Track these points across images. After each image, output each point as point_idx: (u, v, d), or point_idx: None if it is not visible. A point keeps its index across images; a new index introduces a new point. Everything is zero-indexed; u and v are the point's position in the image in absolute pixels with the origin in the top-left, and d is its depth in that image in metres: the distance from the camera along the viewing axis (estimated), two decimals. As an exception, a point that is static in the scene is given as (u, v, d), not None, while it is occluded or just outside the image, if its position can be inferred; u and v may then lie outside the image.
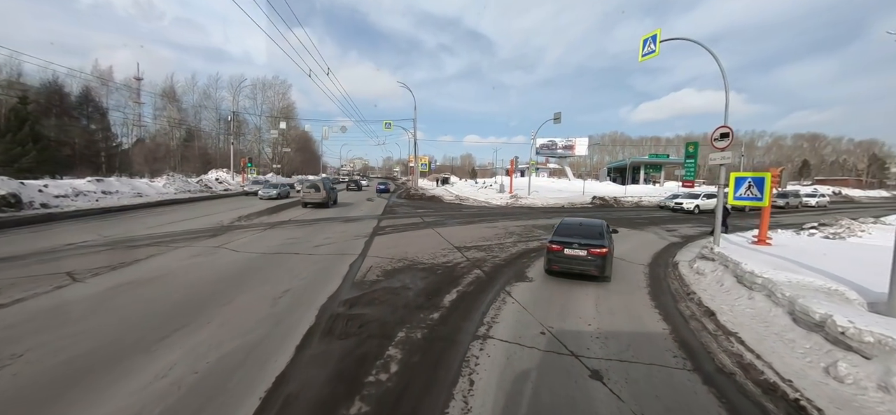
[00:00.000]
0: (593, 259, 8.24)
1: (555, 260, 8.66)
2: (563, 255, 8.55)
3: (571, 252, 8.48)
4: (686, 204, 26.19)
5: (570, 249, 8.52)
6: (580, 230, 9.50)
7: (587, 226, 9.86)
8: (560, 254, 8.59)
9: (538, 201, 29.75)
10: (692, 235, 16.79)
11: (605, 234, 9.22)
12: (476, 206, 28.19)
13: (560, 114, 28.25)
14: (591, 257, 8.26)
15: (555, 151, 62.25)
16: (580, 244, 8.50)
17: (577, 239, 8.74)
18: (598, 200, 31.14)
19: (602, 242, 8.55)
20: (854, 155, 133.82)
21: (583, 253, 8.33)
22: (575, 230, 9.56)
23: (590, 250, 8.31)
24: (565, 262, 8.51)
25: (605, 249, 8.37)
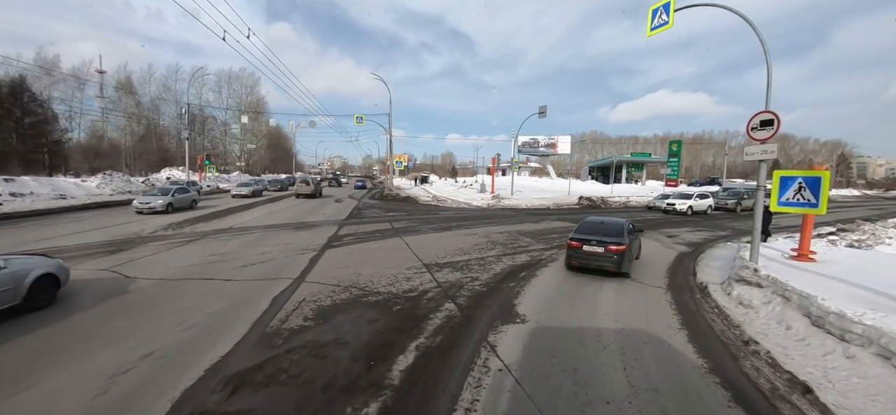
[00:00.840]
0: (610, 255, 8.64)
1: (574, 256, 9.27)
2: (582, 251, 9.06)
3: (590, 249, 8.93)
4: (679, 205, 24.56)
5: (588, 245, 9.00)
6: (601, 228, 9.92)
7: (608, 224, 10.19)
8: (579, 250, 9.14)
9: (521, 202, 27.64)
10: (697, 242, 14.84)
11: (626, 232, 9.47)
12: (454, 208, 25.79)
13: (545, 107, 26.23)
14: (608, 254, 8.66)
15: (537, 149, 60.61)
16: (599, 241, 8.95)
17: (597, 236, 9.18)
18: (585, 201, 29.30)
19: (620, 240, 8.94)
20: (819, 155, 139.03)
21: (601, 250, 8.78)
22: (596, 228, 9.98)
23: (607, 247, 8.72)
24: (584, 258, 9.06)
25: (624, 246, 8.70)
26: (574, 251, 9.25)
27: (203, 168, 38.29)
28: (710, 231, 17.84)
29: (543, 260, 10.83)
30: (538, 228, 16.63)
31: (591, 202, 29.31)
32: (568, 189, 34.70)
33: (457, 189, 39.29)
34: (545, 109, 26.22)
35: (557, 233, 15.59)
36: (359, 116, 32.60)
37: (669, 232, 17.03)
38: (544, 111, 26.27)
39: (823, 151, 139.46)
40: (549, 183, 49.15)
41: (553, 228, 17.06)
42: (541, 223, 18.49)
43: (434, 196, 29.66)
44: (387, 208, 23.57)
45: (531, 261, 10.70)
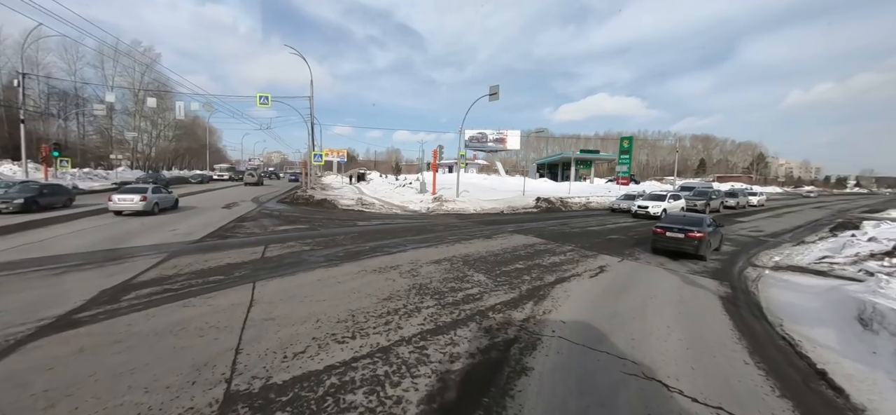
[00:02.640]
0: (690, 241, 11.11)
1: (658, 241, 11.75)
2: (666, 236, 11.56)
3: (672, 235, 11.44)
4: (652, 208, 20.74)
5: (671, 232, 11.48)
6: (683, 219, 12.10)
7: (690, 218, 12.25)
8: (663, 236, 11.63)
9: (468, 205, 22.35)
10: (723, 270, 10.35)
11: (705, 224, 11.55)
12: (382, 215, 19.81)
13: (497, 88, 21.16)
14: (688, 240, 11.14)
15: (485, 144, 56.26)
16: (680, 228, 11.36)
17: (679, 225, 11.57)
18: (544, 203, 24.76)
19: (699, 228, 11.28)
20: (735, 155, 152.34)
21: (681, 235, 11.25)
22: (679, 219, 12.22)
23: (688, 234, 11.16)
24: (667, 242, 11.53)
25: (703, 234, 11.08)
26: (658, 237, 11.73)
27: (50, 161, 28.46)
28: (712, 246, 13.69)
29: (519, 342, 5.27)
30: (493, 250, 11.28)
31: (550, 204, 24.86)
32: (523, 188, 30.14)
33: (394, 189, 33.24)
34: (497, 90, 21.14)
35: (524, 258, 10.31)
36: (262, 96, 25.26)
37: (668, 250, 12.54)
38: (496, 92, 21.17)
39: (738, 151, 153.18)
40: (500, 181, 44.79)
41: (514, 248, 11.80)
42: (495, 239, 13.19)
43: (361, 199, 23.37)
44: (287, 218, 16.98)
45: (490, 344, 5.13)
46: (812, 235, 17.60)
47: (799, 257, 11.79)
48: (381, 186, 38.40)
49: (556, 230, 15.80)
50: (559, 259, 10.53)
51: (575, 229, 16.37)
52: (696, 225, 11.40)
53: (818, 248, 13.53)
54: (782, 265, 10.86)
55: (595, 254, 11.46)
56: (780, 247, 14.51)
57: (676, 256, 11.43)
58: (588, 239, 14.04)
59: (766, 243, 15.24)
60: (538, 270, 9.23)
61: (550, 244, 12.66)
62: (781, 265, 10.82)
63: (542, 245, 12.47)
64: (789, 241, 16.14)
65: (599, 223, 18.91)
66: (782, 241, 16.06)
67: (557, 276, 8.77)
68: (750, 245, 14.58)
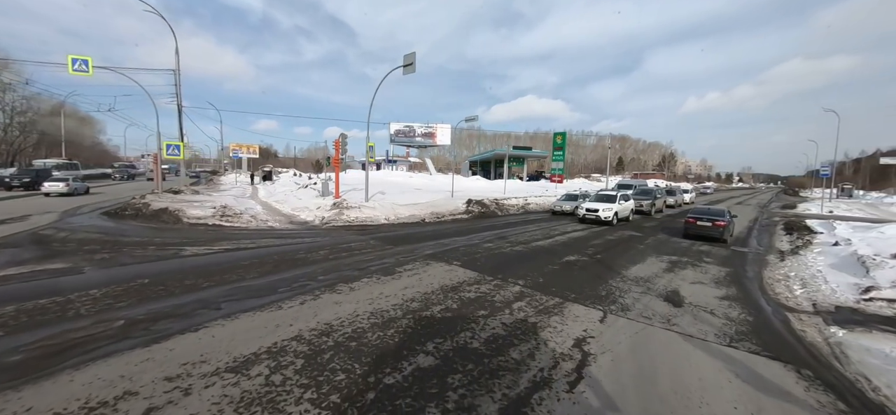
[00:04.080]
0: (716, 228, 14.15)
1: (690, 228, 14.73)
2: (697, 225, 14.56)
3: (702, 223, 14.45)
4: (603, 212, 17.25)
5: (701, 221, 14.54)
6: (708, 212, 15.15)
7: (713, 211, 15.29)
8: (694, 225, 14.63)
9: (379, 212, 16.99)
10: (769, 332, 6.32)
11: (725, 215, 14.80)
12: (249, 231, 13.76)
13: (413, 57, 16.07)
14: (715, 227, 14.18)
15: (413, 139, 51.15)
16: (708, 218, 14.54)
17: (707, 216, 14.72)
18: (476, 207, 20.27)
19: (723, 218, 14.48)
20: (646, 153, 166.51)
21: (709, 224, 14.29)
22: (705, 212, 15.24)
23: (715, 223, 14.23)
24: (698, 229, 14.50)
25: (725, 222, 14.25)
26: (690, 226, 14.75)
27: None
28: (689, 260, 9.99)
29: None
30: (386, 307, 6.13)
31: (484, 208, 20.48)
32: (452, 188, 25.50)
33: (296, 190, 26.65)
34: (412, 59, 16.03)
35: (442, 328, 5.19)
36: (80, 61, 17.38)
37: (631, 274, 8.42)
38: (411, 62, 16.05)
39: (649, 150, 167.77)
40: (428, 180, 40.01)
41: (427, 297, 6.75)
42: (399, 276, 8.08)
43: (226, 207, 16.69)
44: (85, 243, 10.20)
45: None
46: (780, 241, 15.26)
47: (823, 286, 8.42)
48: (285, 187, 31.39)
49: (494, 251, 11.20)
50: (505, 321, 5.77)
51: (518, 247, 11.93)
52: (720, 215, 14.72)
53: (819, 264, 10.55)
54: (843, 312, 7.26)
55: (558, 300, 6.94)
56: (768, 263, 11.44)
57: (701, 239, 14.43)
58: (539, 266, 9.58)
59: (745, 256, 12.20)
60: (471, 361, 4.35)
61: (486, 282, 7.92)
62: (842, 315, 7.20)
63: (473, 285, 7.67)
64: (765, 250, 13.39)
65: (545, 234, 14.80)
66: (756, 251, 13.24)
67: (509, 382, 3.96)
68: (735, 260, 11.32)
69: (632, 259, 10.86)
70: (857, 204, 37.74)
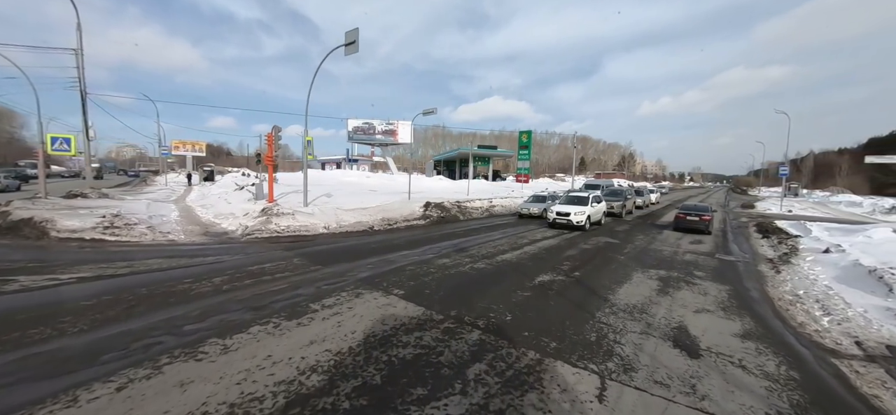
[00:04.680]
0: (703, 222, 16.18)
1: (681, 223, 16.77)
2: (687, 220, 16.61)
3: (691, 218, 16.51)
4: (575, 216, 15.49)
5: (690, 216, 16.57)
6: (695, 209, 17.11)
7: (699, 207, 17.40)
8: (684, 220, 16.69)
9: (318, 218, 14.28)
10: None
11: (710, 210, 17.10)
12: (139, 248, 10.78)
13: (356, 33, 13.52)
14: (701, 222, 16.22)
15: (373, 137, 48.15)
16: (696, 214, 16.57)
17: (695, 212, 16.71)
18: (435, 211, 17.98)
19: (708, 213, 16.71)
20: (606, 154, 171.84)
21: (697, 219, 16.35)
22: (693, 209, 17.18)
23: (701, 217, 16.33)
24: (688, 223, 16.53)
25: (710, 216, 16.58)
26: (680, 220, 16.74)
27: None
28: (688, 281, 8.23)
29: None
30: (261, 393, 3.69)
31: (444, 212, 18.23)
32: (408, 189, 23.07)
33: (230, 192, 23.24)
34: (355, 37, 13.47)
35: None
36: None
37: (621, 301, 6.47)
38: (354, 40, 13.50)
39: (609, 151, 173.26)
40: (388, 180, 37.33)
41: (343, 357, 4.33)
42: (309, 321, 5.62)
43: (117, 216, 13.36)
44: None
45: None
46: (761, 246, 14.13)
47: (849, 311, 6.85)
48: (224, 188, 27.67)
49: (450, 270, 8.97)
50: (453, 413, 3.53)
51: (480, 263, 9.76)
52: (705, 211, 16.83)
53: (823, 277, 9.15)
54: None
55: (534, 357, 4.80)
56: (765, 277, 9.98)
57: (689, 232, 16.35)
58: (506, 292, 7.45)
59: (735, 266, 10.73)
60: None
61: (434, 324, 5.65)
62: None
63: (414, 331, 5.38)
64: (751, 257, 12.06)
65: (512, 243, 12.78)
66: (743, 259, 11.88)
67: None
68: (728, 273, 9.76)
69: (616, 276, 8.99)
70: (807, 203, 39.06)
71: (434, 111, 19.75)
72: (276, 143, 16.19)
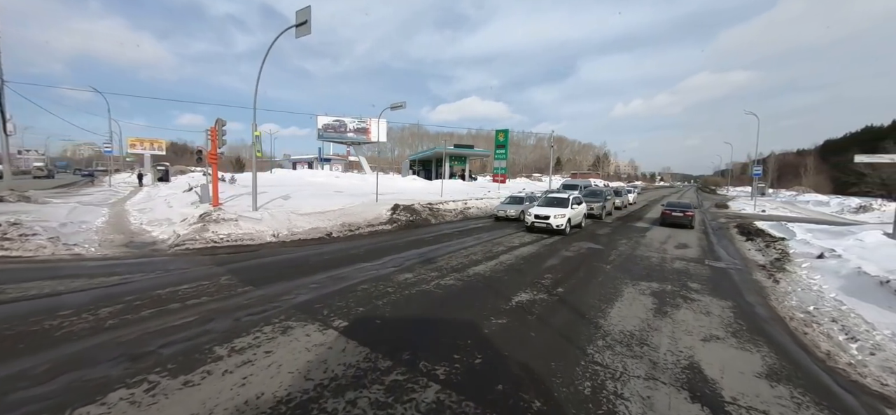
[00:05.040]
0: (687, 217, 17.75)
1: (667, 219, 18.33)
2: (672, 216, 18.12)
3: (676, 214, 17.97)
4: (554, 219, 14.33)
5: (675, 212, 18.10)
6: (679, 206, 18.75)
7: (682, 204, 19.20)
8: (670, 215, 18.24)
9: (266, 226, 12.46)
10: None
11: (693, 207, 19.13)
12: (27, 266, 8.83)
13: (308, 11, 11.76)
14: (685, 217, 17.73)
15: (344, 135, 46.01)
16: (680, 211, 18.06)
17: (679, 209, 18.23)
18: (403, 214, 16.44)
19: (690, 209, 18.32)
20: (581, 154, 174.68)
21: (681, 214, 17.82)
22: (677, 205, 18.89)
23: (685, 213, 17.85)
24: (673, 219, 17.99)
25: (693, 212, 18.23)
26: (666, 216, 18.29)
27: None
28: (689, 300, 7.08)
29: None
30: None
31: (413, 215, 16.72)
32: (376, 189, 21.42)
33: (179, 193, 20.92)
34: (307, 16, 11.77)
35: None
36: None
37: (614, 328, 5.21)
38: (305, 21, 11.79)
39: (584, 151, 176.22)
40: (358, 180, 35.44)
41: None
42: (196, 393, 4.02)
43: (15, 224, 11.18)
44: None
45: None
46: (747, 250, 13.39)
47: (876, 335, 5.84)
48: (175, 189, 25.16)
49: (411, 290, 7.50)
50: None
51: (448, 278, 8.35)
52: (688, 207, 18.77)
53: (827, 289, 8.25)
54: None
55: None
56: (764, 289, 9.03)
57: (675, 226, 18.13)
58: (477, 319, 6.06)
59: (728, 275, 9.77)
60: None
61: (374, 378, 4.18)
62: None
63: (347, 390, 3.89)
64: (741, 263, 11.19)
65: (487, 251, 11.45)
66: (733, 265, 10.99)
67: None
68: (724, 284, 8.74)
69: (604, 292, 7.77)
70: (777, 202, 39.79)
71: (403, 105, 18.24)
72: (220, 138, 14.22)
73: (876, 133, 75.24)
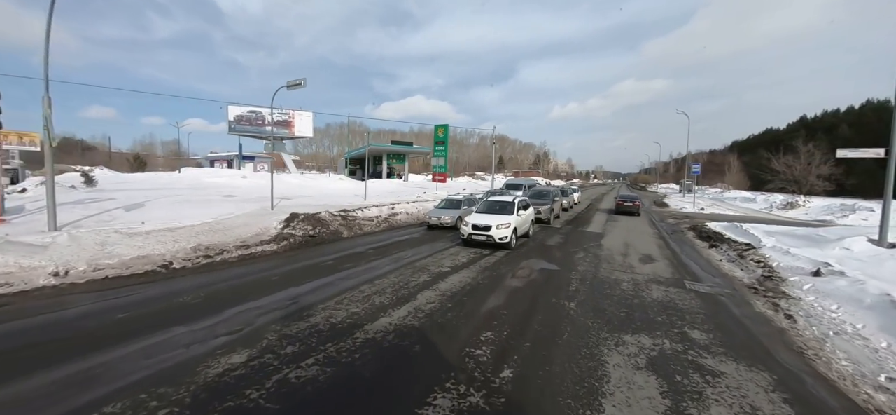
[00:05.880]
0: (635, 207, 23.82)
1: (620, 208, 24.03)
2: (624, 206, 23.87)
3: (627, 204, 23.91)
4: (497, 230, 11.18)
5: (626, 203, 24.12)
6: (628, 198, 25.42)
7: (631, 196, 27.66)
8: (622, 205, 24.01)
9: (43, 263, 7.89)
10: None
11: (639, 199, 26.74)
12: None
13: None
14: (634, 207, 23.70)
15: (262, 128, 39.94)
16: (629, 201, 24.47)
17: (628, 201, 24.44)
18: (301, 228, 12.32)
19: (637, 200, 25.19)
20: (522, 153, 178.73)
21: (631, 204, 23.87)
22: (627, 198, 25.44)
23: (634, 203, 24.16)
24: (625, 208, 23.69)
25: (639, 203, 24.90)
26: (620, 206, 23.92)
27: None
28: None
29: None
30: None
31: (317, 226, 12.70)
32: (271, 194, 17.03)
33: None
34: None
35: None
36: None
37: None
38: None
39: (525, 150, 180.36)
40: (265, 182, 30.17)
41: None
42: None
43: None
44: None
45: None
46: (721, 262, 11.29)
47: None
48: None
49: (236, 400, 3.72)
50: None
51: (315, 359, 4.68)
52: (635, 199, 25.50)
53: (854, 323, 5.86)
54: None
55: None
56: (780, 329, 6.52)
57: (625, 214, 23.77)
58: None
59: (720, 303, 7.21)
60: None
61: None
62: None
63: None
64: (725, 284, 8.84)
65: (401, 284, 7.93)
66: (717, 287, 8.60)
67: None
68: (730, 325, 6.07)
69: (579, 372, 4.61)
70: (707, 199, 41.00)
71: (302, 83, 14.11)
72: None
73: (775, 135, 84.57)
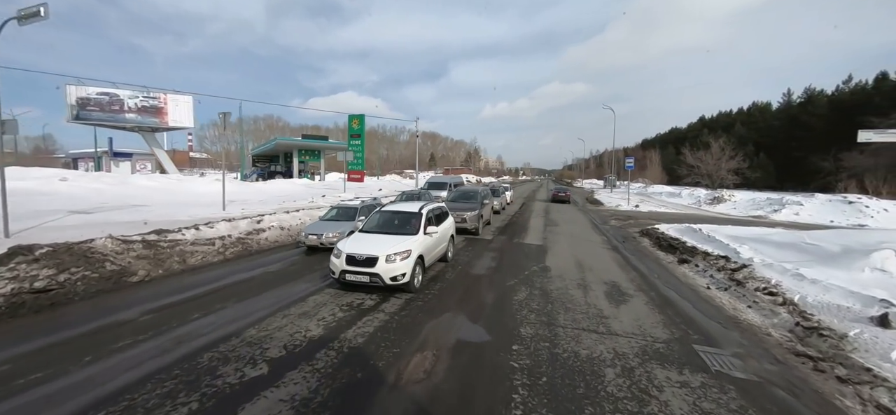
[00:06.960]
0: (567, 197, 32.23)
1: (555, 200, 31.79)
2: (558, 197, 31.93)
3: (561, 196, 31.96)
4: (386, 263, 6.67)
5: (560, 195, 32.21)
6: (561, 188, 37.11)
7: (562, 187, 39.20)
8: (556, 197, 32.12)
9: None
10: None
11: (567, 190, 35.88)
12: None
13: None
14: (566, 197, 32.03)
15: (119, 116, 30.88)
16: (562, 193, 32.54)
17: (561, 192, 32.93)
18: (45, 276, 6.82)
19: (567, 191, 34.35)
20: (454, 151, 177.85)
21: (564, 195, 32.30)
22: (560, 189, 35.53)
23: (565, 194, 32.66)
24: (559, 199, 31.54)
25: (569, 194, 33.70)
26: (555, 197, 32.07)
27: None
28: None
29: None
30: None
31: (67, 271, 7.19)
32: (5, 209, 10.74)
33: None
34: None
35: None
36: None
37: None
38: None
39: (456, 147, 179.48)
40: (107, 185, 22.48)
41: None
42: None
43: None
44: None
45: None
46: (714, 293, 7.98)
47: None
48: None
49: None
50: None
51: None
52: (566, 190, 34.38)
53: None
54: None
55: None
56: None
57: (557, 203, 30.96)
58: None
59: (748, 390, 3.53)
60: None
61: None
62: None
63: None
64: (785, 370, 5.34)
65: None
66: (788, 384, 5.05)
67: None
68: None
69: None
70: (633, 194, 40.85)
71: (40, 12, 8.33)
72: None
73: (679, 133, 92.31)
